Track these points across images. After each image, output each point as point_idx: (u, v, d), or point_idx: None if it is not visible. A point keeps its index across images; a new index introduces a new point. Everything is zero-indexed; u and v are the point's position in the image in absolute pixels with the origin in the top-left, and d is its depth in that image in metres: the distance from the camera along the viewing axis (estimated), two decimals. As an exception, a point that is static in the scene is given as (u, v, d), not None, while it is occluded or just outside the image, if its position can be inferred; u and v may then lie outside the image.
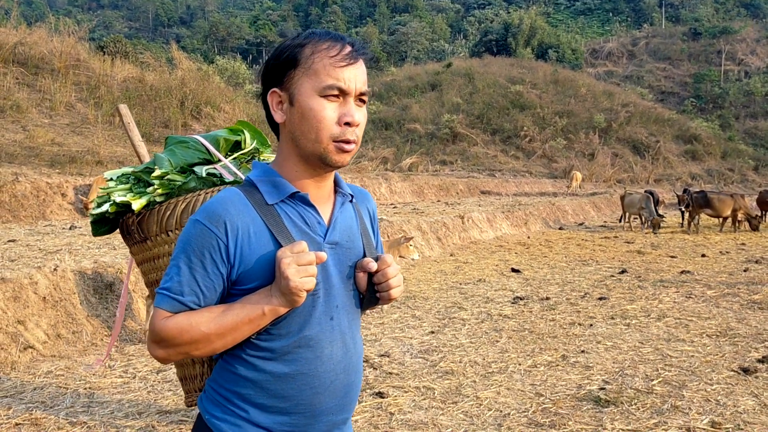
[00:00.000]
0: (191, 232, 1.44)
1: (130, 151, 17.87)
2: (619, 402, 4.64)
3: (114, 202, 2.14)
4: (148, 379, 5.15)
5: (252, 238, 1.44)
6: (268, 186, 1.51)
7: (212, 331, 1.40)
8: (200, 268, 1.42)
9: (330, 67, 1.44)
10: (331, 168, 1.50)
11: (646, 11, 78.23)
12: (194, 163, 2.15)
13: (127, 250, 7.79)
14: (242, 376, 1.49)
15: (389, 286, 1.54)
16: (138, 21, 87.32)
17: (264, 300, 1.41)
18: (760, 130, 49.34)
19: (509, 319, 7.30)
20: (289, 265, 1.35)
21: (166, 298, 1.43)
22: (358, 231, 1.61)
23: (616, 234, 17.00)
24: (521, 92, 46.39)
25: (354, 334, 1.60)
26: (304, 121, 1.46)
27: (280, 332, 1.47)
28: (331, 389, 1.52)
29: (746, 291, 8.90)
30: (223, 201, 1.45)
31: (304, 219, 1.50)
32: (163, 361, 1.49)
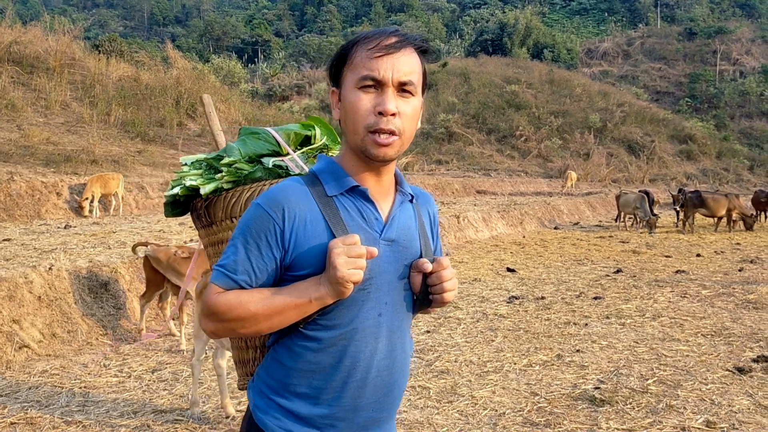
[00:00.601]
0: (251, 214, 1.49)
1: (125, 150, 17.86)
2: (614, 401, 4.65)
3: (184, 185, 2.24)
4: (144, 378, 5.15)
5: (308, 226, 1.47)
6: (330, 178, 1.53)
7: (259, 311, 1.44)
8: (255, 250, 1.47)
9: (366, 59, 1.46)
10: (376, 161, 1.49)
11: (642, 11, 78.41)
12: (263, 154, 2.23)
13: (121, 250, 7.78)
14: (289, 366, 1.52)
15: (443, 289, 1.53)
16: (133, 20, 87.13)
17: (312, 288, 1.43)
18: (755, 130, 49.52)
19: (504, 318, 7.31)
20: (339, 255, 1.37)
21: (221, 274, 1.48)
22: (416, 231, 1.61)
23: (611, 234, 17.04)
24: (517, 92, 46.47)
25: (402, 335, 1.60)
26: (346, 115, 1.49)
27: (327, 323, 1.49)
28: (374, 385, 1.54)
29: (741, 291, 8.93)
30: (284, 189, 1.50)
31: (361, 213, 1.52)
32: (212, 335, 1.55)
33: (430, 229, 1.71)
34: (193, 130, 22.44)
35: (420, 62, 1.52)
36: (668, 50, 63.43)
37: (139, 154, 17.94)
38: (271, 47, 73.41)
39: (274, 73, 54.35)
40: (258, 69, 60.11)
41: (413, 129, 1.52)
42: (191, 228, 10.80)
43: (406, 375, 1.64)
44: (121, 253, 7.53)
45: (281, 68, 57.39)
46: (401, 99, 1.47)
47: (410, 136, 1.51)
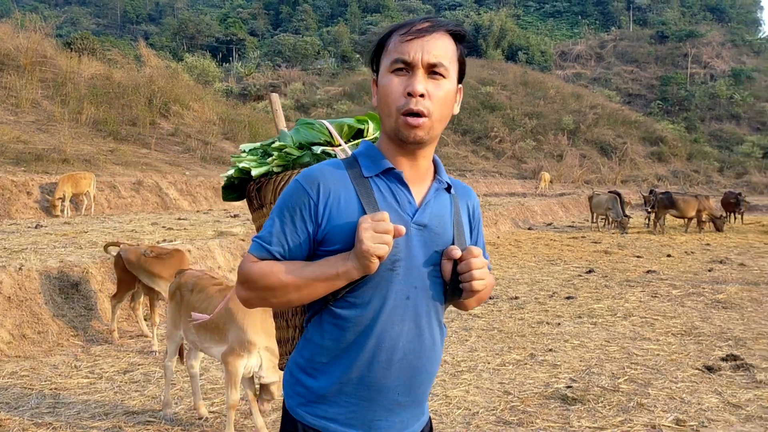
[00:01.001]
0: (290, 189, 1.55)
1: (97, 149, 17.63)
2: (586, 400, 4.71)
3: (238, 167, 2.33)
4: (115, 379, 5.09)
5: (342, 203, 1.51)
6: (367, 161, 1.58)
7: (289, 281, 1.48)
8: (290, 223, 1.52)
9: (398, 44, 1.50)
10: (407, 144, 1.52)
11: (614, 14, 79.33)
12: (314, 142, 2.30)
13: (92, 250, 7.68)
14: (317, 343, 1.57)
15: (472, 277, 1.52)
16: (106, 18, 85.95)
17: (341, 262, 1.46)
18: (725, 133, 50.41)
19: (478, 318, 7.36)
20: (366, 230, 1.40)
21: (257, 245, 1.54)
22: (450, 220, 1.62)
23: (583, 234, 17.23)
24: (491, 93, 46.79)
25: (430, 321, 1.59)
26: (380, 98, 1.53)
27: (355, 301, 1.51)
28: (398, 367, 1.54)
29: (710, 290, 9.10)
30: (322, 167, 1.56)
31: (395, 196, 1.55)
32: (245, 302, 1.58)
33: (468, 222, 1.72)
34: (166, 129, 22.22)
35: (455, 47, 1.54)
36: (640, 53, 64.29)
37: (111, 153, 17.71)
38: (245, 46, 72.94)
39: (248, 73, 54.04)
40: (232, 68, 59.70)
41: (445, 112, 1.53)
42: (164, 228, 10.70)
43: (435, 362, 1.65)
44: (93, 253, 7.43)
45: (256, 67, 57.09)
46: (431, 81, 1.49)
47: (441, 118, 1.52)
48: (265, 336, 3.73)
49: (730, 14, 79.21)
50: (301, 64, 60.60)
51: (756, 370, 5.45)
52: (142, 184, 15.66)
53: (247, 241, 9.40)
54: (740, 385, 5.12)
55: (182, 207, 16.02)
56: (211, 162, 20.98)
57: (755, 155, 44.26)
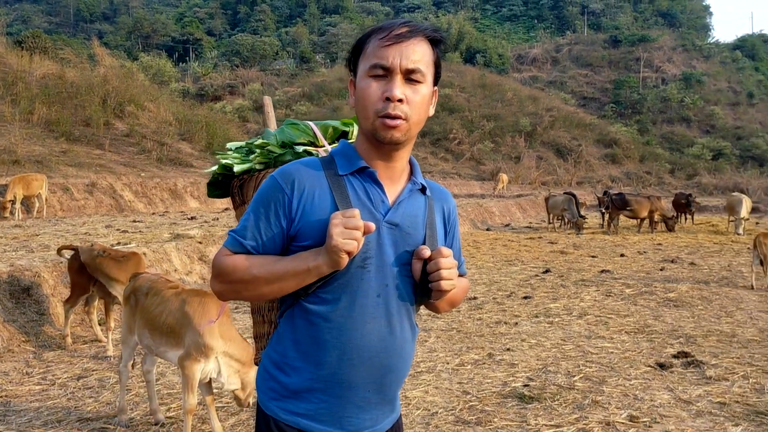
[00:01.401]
0: (265, 185, 1.59)
1: (49, 150, 17.21)
2: (542, 398, 4.78)
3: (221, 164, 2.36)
4: (68, 386, 4.98)
5: (315, 200, 1.55)
6: (343, 159, 1.62)
7: (261, 275, 1.51)
8: (264, 218, 1.56)
9: (376, 48, 1.53)
10: (383, 144, 1.55)
11: (569, 19, 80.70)
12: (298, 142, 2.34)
13: (44, 253, 7.49)
14: (289, 338, 1.60)
15: (440, 276, 1.54)
16: (58, 16, 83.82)
17: (311, 257, 1.49)
18: (676, 135, 51.69)
19: (437, 318, 7.40)
20: (336, 225, 1.43)
21: (231, 238, 1.58)
22: (423, 221, 1.65)
23: (540, 234, 17.49)
24: (450, 95, 47.10)
25: (402, 320, 1.62)
26: (358, 102, 1.57)
27: (327, 297, 1.54)
28: (369, 365, 1.57)
29: (662, 289, 9.33)
30: (299, 165, 1.60)
31: (368, 194, 1.58)
32: (219, 295, 1.62)
33: (443, 225, 1.75)
34: (120, 130, 21.81)
35: (431, 51, 1.59)
36: (594, 57, 65.49)
37: (63, 155, 17.30)
38: (202, 46, 72.00)
39: (205, 73, 53.38)
40: (189, 68, 58.89)
41: (422, 115, 1.57)
42: (118, 230, 10.49)
43: (406, 361, 1.68)
44: (45, 257, 7.25)
45: (213, 68, 56.42)
46: (408, 86, 1.53)
47: (418, 122, 1.57)
48: (223, 340, 3.69)
49: (680, 20, 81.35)
50: (259, 65, 60.10)
51: (706, 367, 5.61)
52: (95, 185, 15.33)
53: (204, 244, 9.29)
54: (691, 382, 5.26)
55: (137, 209, 15.73)
56: (167, 163, 20.67)
57: (705, 157, 45.53)
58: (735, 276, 10.75)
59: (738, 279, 10.44)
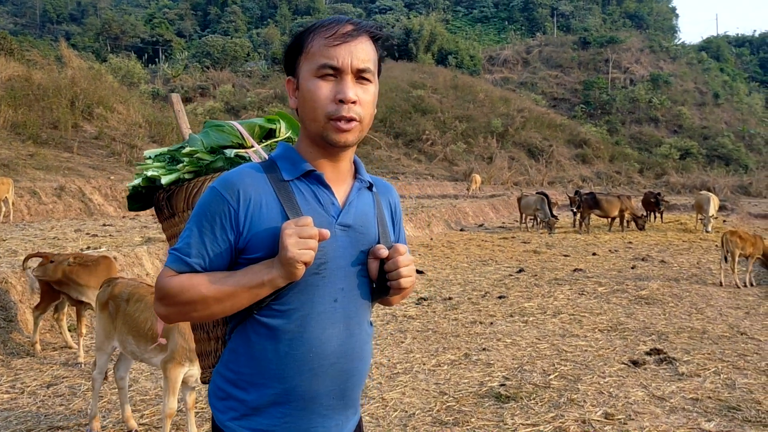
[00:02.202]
0: (207, 197, 1.49)
1: (16, 153, 16.88)
2: (519, 397, 4.80)
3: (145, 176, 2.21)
4: (38, 393, 4.87)
5: (263, 209, 1.47)
6: (286, 164, 1.55)
7: (211, 294, 1.43)
8: (209, 232, 1.47)
9: (324, 47, 1.47)
10: (334, 147, 1.51)
11: (539, 20, 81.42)
12: (226, 145, 2.22)
13: (12, 259, 7.33)
14: (244, 354, 1.52)
15: (399, 275, 1.52)
16: (24, 17, 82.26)
17: (265, 270, 1.42)
18: (645, 135, 52.48)
19: (413, 319, 7.40)
20: (290, 236, 1.37)
21: (175, 258, 1.48)
22: (374, 218, 1.62)
23: (513, 234, 17.60)
24: (423, 97, 47.26)
25: (359, 321, 1.59)
26: (305, 103, 1.50)
27: (282, 308, 1.48)
28: (330, 372, 1.52)
29: (634, 287, 9.44)
30: (240, 172, 1.51)
31: (317, 198, 1.53)
32: (165, 319, 1.51)
33: (391, 219, 1.72)
34: (89, 132, 21.47)
35: (375, 49, 1.56)
36: (564, 58, 66.18)
37: (31, 158, 16.97)
38: (172, 47, 71.21)
39: (176, 74, 52.81)
40: (159, 70, 58.21)
41: (372, 115, 1.55)
42: (87, 234, 10.32)
43: (366, 363, 1.64)
44: (12, 262, 7.09)
45: (184, 69, 55.84)
46: (359, 86, 1.50)
47: (369, 123, 1.55)
48: None
49: (648, 21, 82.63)
50: (230, 66, 59.59)
51: (678, 363, 5.69)
52: (64, 189, 15.06)
53: (177, 247, 9.16)
54: (664, 378, 5.33)
55: (107, 213, 15.49)
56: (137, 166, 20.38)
57: (673, 157, 46.31)
58: (704, 273, 10.93)
59: (707, 276, 10.62)
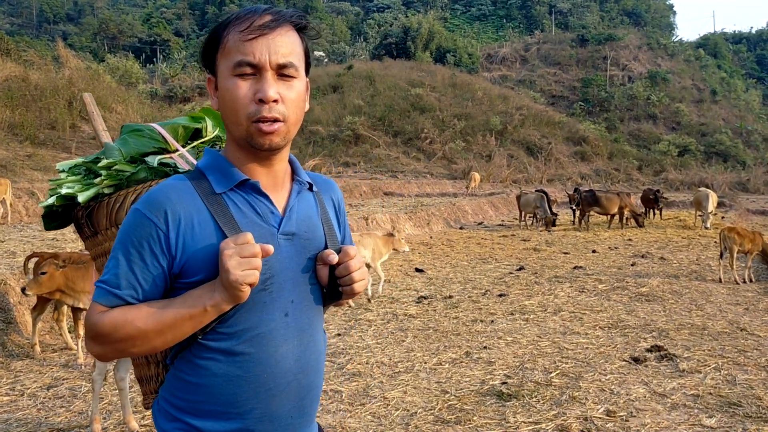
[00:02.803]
0: (130, 221, 1.35)
1: (14, 154, 16.84)
2: (521, 395, 4.80)
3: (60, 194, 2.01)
4: (38, 396, 4.85)
5: (196, 228, 1.35)
6: (217, 174, 1.41)
7: (150, 327, 1.30)
8: (139, 260, 1.33)
9: (239, 42, 1.34)
10: (263, 151, 1.39)
11: (537, 18, 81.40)
12: (148, 152, 2.02)
13: (10, 260, 7.32)
14: (192, 382, 1.40)
15: (352, 280, 1.45)
16: (21, 17, 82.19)
17: (207, 295, 1.31)
18: (643, 132, 52.45)
19: (414, 318, 7.39)
20: (230, 257, 1.26)
21: (103, 291, 1.34)
22: (318, 221, 1.52)
23: (513, 232, 17.60)
24: (421, 95, 47.19)
25: (313, 332, 1.50)
26: (225, 104, 1.38)
27: (229, 330, 1.37)
28: (288, 391, 1.44)
29: (634, 284, 9.44)
30: (165, 189, 1.37)
31: (254, 209, 1.41)
32: (101, 358, 1.39)
33: (336, 218, 1.62)
34: (87, 133, 21.43)
35: (300, 41, 1.42)
36: (562, 56, 66.14)
37: (28, 159, 16.95)
38: (170, 47, 71.17)
39: (174, 74, 52.70)
40: (157, 69, 58.13)
41: (300, 113, 1.42)
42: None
43: (322, 373, 1.56)
44: (11, 264, 7.08)
45: (182, 69, 55.75)
46: (282, 83, 1.37)
47: (297, 121, 1.41)
48: None
49: (645, 18, 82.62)
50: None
51: (679, 360, 5.69)
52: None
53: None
54: (665, 375, 5.32)
55: (107, 213, 15.45)
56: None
57: (671, 153, 46.28)
58: (704, 269, 10.92)
59: (707, 272, 10.62)
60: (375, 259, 8.44)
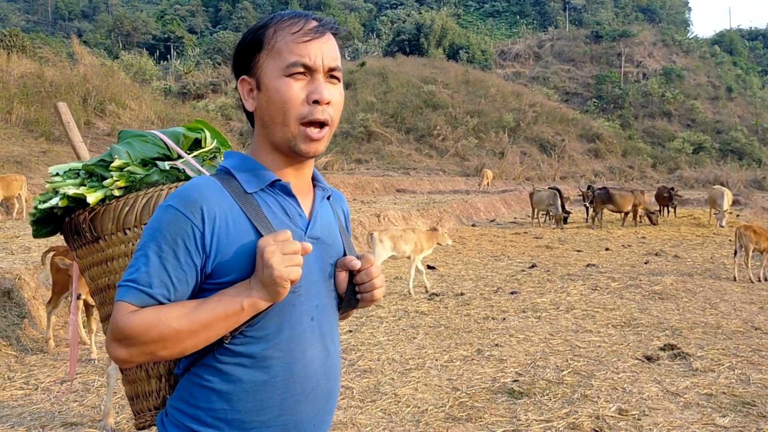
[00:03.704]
0: (163, 218, 1.32)
1: (29, 150, 16.97)
2: (532, 393, 4.79)
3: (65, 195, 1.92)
4: (51, 390, 4.90)
5: (230, 227, 1.33)
6: (247, 174, 1.41)
7: (184, 327, 1.27)
8: (172, 258, 1.30)
9: (293, 44, 1.36)
10: (303, 157, 1.41)
11: (551, 14, 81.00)
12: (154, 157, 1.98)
13: (25, 255, 7.38)
14: (216, 389, 1.36)
15: (373, 286, 1.46)
16: (36, 14, 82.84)
17: (243, 293, 1.29)
18: (657, 129, 52.10)
19: (425, 315, 7.39)
20: (273, 253, 1.25)
21: (132, 290, 1.29)
22: (337, 228, 1.54)
23: (525, 230, 17.54)
24: (434, 92, 47.11)
25: (334, 338, 1.51)
26: (271, 105, 1.37)
27: (256, 334, 1.35)
28: (313, 396, 1.43)
29: (647, 282, 9.38)
30: (199, 186, 1.34)
31: (284, 210, 1.41)
32: (124, 362, 1.34)
33: (345, 228, 1.64)
34: (102, 129, 21.58)
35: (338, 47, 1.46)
36: (576, 52, 65.79)
37: (43, 155, 17.08)
38: (184, 44, 71.48)
39: (188, 71, 52.95)
40: (171, 66, 58.42)
41: (339, 116, 1.45)
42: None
43: (339, 381, 1.56)
44: (26, 259, 7.14)
45: (195, 65, 56.01)
46: (331, 85, 1.39)
47: (336, 125, 1.44)
48: None
49: (660, 15, 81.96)
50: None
51: (692, 359, 5.64)
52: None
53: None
54: (678, 374, 5.29)
55: (120, 209, 15.56)
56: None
57: (686, 151, 45.94)
58: (718, 268, 10.84)
59: (721, 271, 10.53)
60: (416, 253, 8.64)
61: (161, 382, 1.60)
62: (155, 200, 1.75)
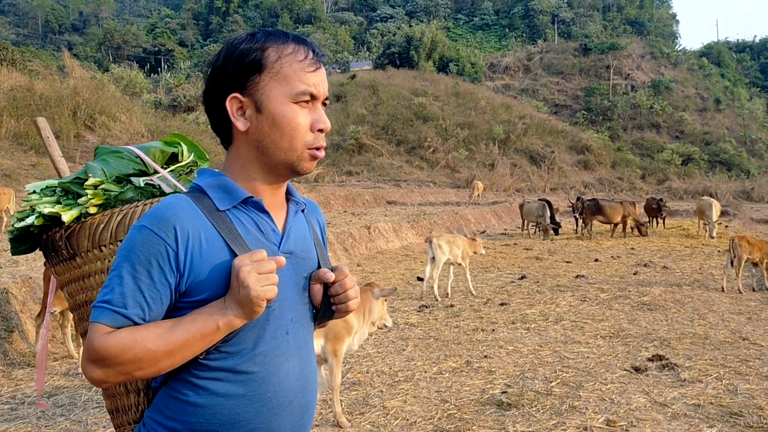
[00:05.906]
0: (136, 238, 1.32)
1: (18, 163, 16.91)
2: (521, 405, 4.79)
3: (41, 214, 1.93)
4: (38, 404, 4.86)
5: (203, 245, 1.33)
6: (219, 191, 1.41)
7: (160, 348, 1.27)
8: (146, 278, 1.30)
9: (301, 72, 1.40)
10: (300, 175, 1.47)
11: (540, 27, 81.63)
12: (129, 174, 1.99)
13: (13, 269, 7.34)
14: (191, 402, 1.36)
15: (347, 297, 1.48)
16: (26, 27, 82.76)
17: (218, 312, 1.30)
18: (646, 141, 52.47)
19: (415, 327, 7.39)
20: (249, 273, 1.26)
21: (107, 311, 1.29)
22: (311, 241, 1.55)
23: (515, 241, 17.58)
24: (424, 104, 47.33)
25: (309, 351, 1.52)
26: (276, 129, 1.40)
27: (232, 349, 1.36)
28: (290, 409, 1.44)
29: (636, 293, 9.42)
30: (172, 206, 1.34)
31: (258, 226, 1.42)
32: (100, 383, 1.33)
33: (321, 239, 1.65)
34: (92, 142, 21.52)
35: None
36: (565, 65, 66.28)
37: (33, 168, 17.02)
38: (174, 57, 71.57)
39: (178, 84, 52.97)
40: (161, 79, 58.43)
41: None
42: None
43: (316, 393, 1.57)
44: (13, 273, 7.10)
45: (186, 78, 56.03)
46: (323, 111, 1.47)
47: None
48: None
49: (648, 28, 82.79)
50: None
51: (680, 369, 5.67)
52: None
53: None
54: (666, 384, 5.31)
55: (110, 222, 15.50)
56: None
57: (675, 162, 46.27)
58: (706, 279, 10.90)
59: (709, 281, 10.60)
60: (465, 258, 9.51)
61: (140, 397, 1.61)
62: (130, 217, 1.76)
